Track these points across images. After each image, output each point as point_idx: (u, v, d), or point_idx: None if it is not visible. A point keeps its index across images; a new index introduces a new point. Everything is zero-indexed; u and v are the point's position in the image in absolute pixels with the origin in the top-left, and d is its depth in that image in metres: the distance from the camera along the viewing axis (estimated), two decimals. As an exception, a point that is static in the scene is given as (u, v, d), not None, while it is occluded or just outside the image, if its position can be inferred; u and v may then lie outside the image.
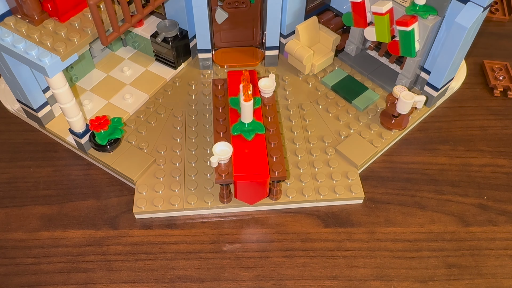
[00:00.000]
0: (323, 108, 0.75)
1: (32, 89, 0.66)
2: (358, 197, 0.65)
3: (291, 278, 0.59)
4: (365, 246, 0.63)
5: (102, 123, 0.64)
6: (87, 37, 0.56)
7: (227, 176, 0.59)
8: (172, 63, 0.79)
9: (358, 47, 0.81)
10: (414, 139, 0.75)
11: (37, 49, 0.54)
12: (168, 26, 0.77)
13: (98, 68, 0.80)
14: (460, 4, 0.64)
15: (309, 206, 0.66)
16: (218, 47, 0.83)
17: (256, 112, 0.63)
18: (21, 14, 0.56)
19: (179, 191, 0.65)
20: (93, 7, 0.52)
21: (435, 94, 0.74)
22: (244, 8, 0.77)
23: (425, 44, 0.69)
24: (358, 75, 0.80)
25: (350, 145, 0.70)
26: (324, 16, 0.82)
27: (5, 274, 0.60)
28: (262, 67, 0.83)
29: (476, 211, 0.67)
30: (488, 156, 0.73)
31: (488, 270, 0.61)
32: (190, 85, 0.78)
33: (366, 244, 0.63)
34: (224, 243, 0.63)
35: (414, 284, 0.59)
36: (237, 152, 0.60)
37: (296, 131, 0.72)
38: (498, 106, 0.81)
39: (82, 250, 0.62)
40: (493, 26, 0.96)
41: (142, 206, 0.63)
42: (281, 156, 0.61)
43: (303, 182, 0.66)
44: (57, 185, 0.68)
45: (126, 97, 0.75)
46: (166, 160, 0.68)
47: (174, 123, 0.73)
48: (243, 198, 0.63)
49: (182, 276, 0.60)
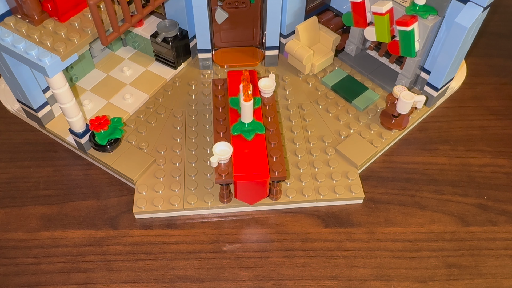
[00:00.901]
0: (323, 108, 0.75)
1: (32, 89, 0.66)
2: (358, 197, 0.65)
3: (291, 278, 0.59)
4: (365, 246, 0.63)
5: (102, 123, 0.64)
6: (87, 37, 0.56)
7: (227, 176, 0.59)
8: (172, 63, 0.79)
9: (358, 47, 0.81)
10: (414, 139, 0.75)
11: (37, 49, 0.54)
12: (168, 26, 0.77)
13: (98, 68, 0.80)
14: (460, 4, 0.64)
15: (309, 206, 0.66)
16: (218, 47, 0.83)
17: (256, 112, 0.63)
18: (21, 14, 0.56)
19: (179, 191, 0.65)
20: (93, 7, 0.52)
21: (435, 94, 0.74)
22: (244, 8, 0.77)
23: (425, 44, 0.69)
24: (358, 75, 0.80)
25: (350, 145, 0.70)
26: (324, 16, 0.82)
27: (5, 274, 0.60)
28: (262, 67, 0.83)
29: (476, 211, 0.67)
30: (488, 156, 0.73)
31: (488, 270, 0.61)
32: (190, 85, 0.78)
33: (366, 244, 0.63)
34: (224, 243, 0.63)
35: (414, 284, 0.59)
36: (237, 152, 0.60)
37: (296, 131, 0.72)
38: (498, 106, 0.81)
39: (82, 250, 0.62)
40: (493, 26, 0.96)
41: (142, 206, 0.63)
42: (281, 156, 0.61)
43: (303, 182, 0.66)
44: (57, 185, 0.68)
45: (126, 97, 0.75)
46: (166, 160, 0.68)
47: (174, 123, 0.73)
48: (243, 198, 0.63)
49: (182, 276, 0.60)
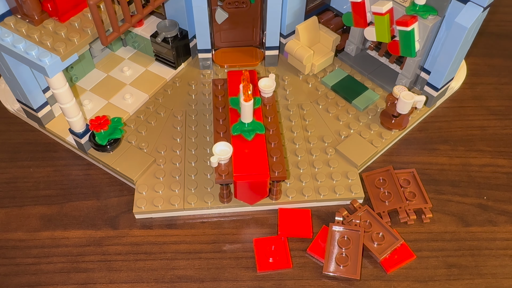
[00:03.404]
0: (323, 108, 0.75)
1: (32, 89, 0.66)
2: (358, 197, 0.65)
3: (291, 278, 0.59)
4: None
5: (102, 123, 0.64)
6: (87, 37, 0.56)
7: (227, 176, 0.59)
8: (172, 63, 0.79)
9: (358, 47, 0.81)
10: (414, 139, 0.75)
11: (37, 49, 0.54)
12: (168, 26, 0.77)
13: (98, 68, 0.80)
14: (460, 4, 0.64)
15: (309, 206, 0.66)
16: (218, 47, 0.83)
17: (256, 112, 0.63)
18: (21, 14, 0.56)
19: (179, 191, 0.65)
20: (93, 7, 0.52)
21: (435, 94, 0.74)
22: (244, 8, 0.77)
23: (425, 44, 0.69)
24: (358, 75, 0.80)
25: (350, 145, 0.70)
26: (324, 16, 0.82)
27: (5, 274, 0.60)
28: (262, 67, 0.83)
29: (476, 211, 0.67)
30: (488, 156, 0.73)
31: (488, 270, 0.61)
32: (190, 85, 0.78)
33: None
34: (224, 243, 0.63)
35: (414, 284, 0.59)
36: (237, 152, 0.60)
37: (296, 131, 0.72)
38: (498, 106, 0.81)
39: (82, 250, 0.62)
40: (493, 26, 0.96)
41: (142, 206, 0.63)
42: (281, 156, 0.61)
43: (303, 182, 0.66)
44: (57, 185, 0.68)
45: (126, 97, 0.75)
46: (166, 160, 0.68)
47: (174, 123, 0.73)
48: (243, 198, 0.63)
49: (182, 276, 0.60)
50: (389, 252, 0.59)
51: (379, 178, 0.67)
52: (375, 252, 0.59)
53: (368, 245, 0.60)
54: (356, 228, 0.60)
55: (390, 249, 0.59)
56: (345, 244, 0.59)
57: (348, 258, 0.58)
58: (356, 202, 0.64)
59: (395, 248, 0.60)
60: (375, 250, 0.59)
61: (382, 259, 0.59)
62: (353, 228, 0.60)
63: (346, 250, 0.59)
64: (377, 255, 0.59)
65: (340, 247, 0.59)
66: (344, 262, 0.58)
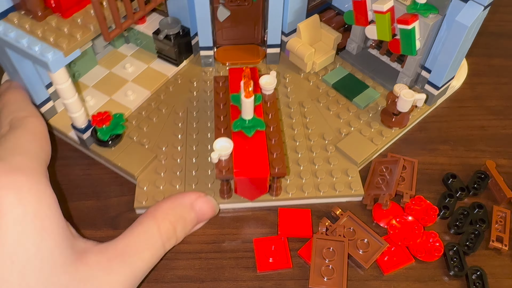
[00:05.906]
0: (324, 106, 0.76)
1: (35, 85, 0.67)
2: (357, 194, 0.66)
3: (291, 278, 0.59)
4: (364, 243, 0.63)
5: (104, 118, 0.65)
6: (90, 33, 0.57)
7: (228, 172, 0.59)
8: (174, 60, 0.80)
9: (359, 45, 0.82)
10: (414, 139, 0.75)
11: (40, 45, 0.54)
12: (170, 24, 0.77)
13: (101, 64, 0.81)
14: (461, 2, 0.64)
15: (309, 202, 0.66)
16: (220, 45, 0.84)
17: (257, 109, 0.64)
18: (24, 10, 0.57)
19: (179, 186, 0.65)
20: (96, 4, 0.53)
21: (435, 92, 0.74)
22: (246, 6, 0.78)
23: (426, 43, 0.69)
24: (359, 73, 0.80)
25: (350, 143, 0.70)
26: (326, 14, 0.83)
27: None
28: (264, 64, 0.83)
29: (475, 210, 0.67)
30: (488, 156, 0.73)
31: (488, 270, 0.61)
32: (192, 82, 0.79)
33: (365, 241, 0.63)
34: (224, 243, 0.63)
35: (414, 284, 0.59)
36: (237, 148, 0.60)
37: (296, 129, 0.72)
38: (498, 106, 0.81)
39: (83, 246, 0.62)
40: (493, 26, 0.96)
41: (143, 201, 0.64)
42: (281, 153, 0.61)
43: (303, 179, 0.66)
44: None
45: (128, 94, 0.75)
46: (167, 156, 0.68)
47: (176, 119, 0.73)
48: (243, 194, 0.64)
49: (182, 276, 0.60)
50: (374, 259, 0.59)
51: (388, 166, 0.67)
52: (361, 260, 0.59)
53: (354, 254, 0.59)
54: (340, 238, 0.60)
55: (376, 256, 0.59)
56: (330, 255, 0.59)
57: (334, 270, 0.57)
58: (338, 209, 0.64)
59: (380, 254, 0.60)
60: (361, 258, 0.59)
61: (369, 266, 0.59)
62: (337, 238, 0.60)
63: (331, 262, 0.58)
64: (363, 263, 0.59)
65: (324, 259, 0.58)
66: (330, 275, 0.57)
